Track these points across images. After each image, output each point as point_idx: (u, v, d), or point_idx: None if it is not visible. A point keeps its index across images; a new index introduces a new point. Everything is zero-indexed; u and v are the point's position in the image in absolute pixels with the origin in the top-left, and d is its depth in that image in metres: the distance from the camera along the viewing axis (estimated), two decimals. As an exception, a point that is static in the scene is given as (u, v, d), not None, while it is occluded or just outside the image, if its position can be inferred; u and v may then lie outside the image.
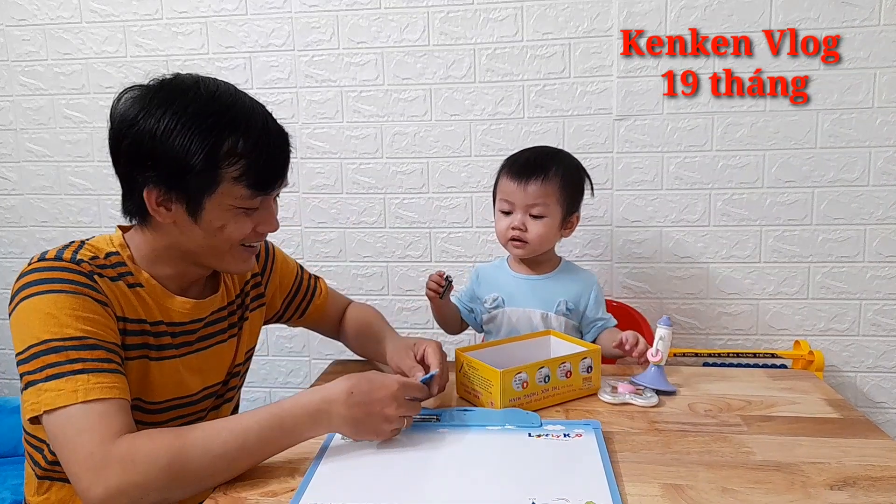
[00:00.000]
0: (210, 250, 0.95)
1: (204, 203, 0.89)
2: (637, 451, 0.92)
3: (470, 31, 1.78)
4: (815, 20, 1.66)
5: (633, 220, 1.81)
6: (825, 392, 1.14)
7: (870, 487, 0.81)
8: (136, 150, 0.88)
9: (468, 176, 1.84)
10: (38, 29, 1.92)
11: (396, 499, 0.79)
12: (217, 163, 0.87)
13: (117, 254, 0.95)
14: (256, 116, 0.92)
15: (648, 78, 1.73)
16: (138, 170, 0.89)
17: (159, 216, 0.91)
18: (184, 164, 0.86)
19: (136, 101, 0.89)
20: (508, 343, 1.20)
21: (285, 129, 0.95)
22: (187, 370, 1.01)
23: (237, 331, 1.11)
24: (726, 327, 1.82)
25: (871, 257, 1.74)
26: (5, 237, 2.05)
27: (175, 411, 1.01)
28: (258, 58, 1.86)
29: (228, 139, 0.87)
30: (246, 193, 0.90)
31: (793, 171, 1.73)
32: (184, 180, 0.87)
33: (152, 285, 0.96)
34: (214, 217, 0.91)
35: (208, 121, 0.87)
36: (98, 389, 0.81)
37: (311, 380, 1.91)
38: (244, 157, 0.88)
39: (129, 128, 0.88)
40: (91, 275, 0.89)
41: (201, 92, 0.89)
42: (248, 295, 1.14)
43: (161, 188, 0.88)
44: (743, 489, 0.81)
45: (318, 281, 1.31)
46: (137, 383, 0.94)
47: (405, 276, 1.92)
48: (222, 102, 0.90)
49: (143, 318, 0.95)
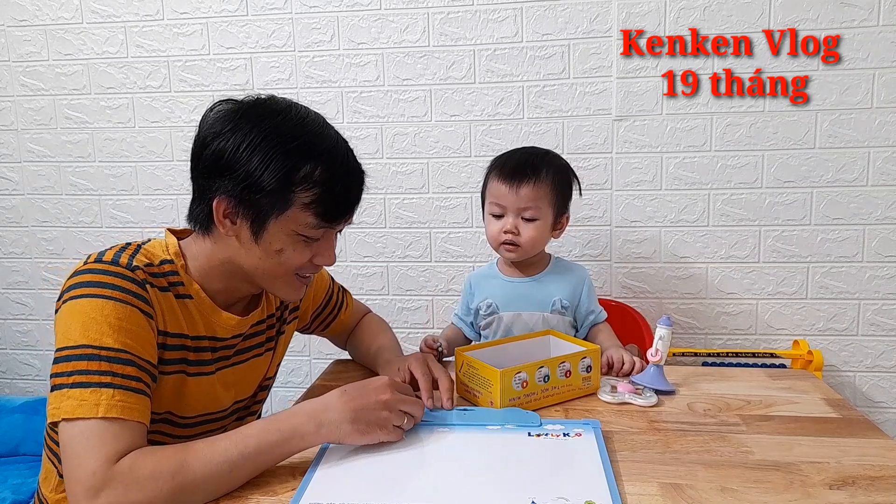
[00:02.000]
0: (264, 272, 0.95)
1: (269, 223, 0.90)
2: (636, 450, 0.92)
3: (470, 32, 1.78)
4: (814, 20, 1.66)
5: (633, 220, 1.81)
6: (824, 392, 1.14)
7: (869, 487, 0.81)
8: (217, 160, 0.89)
9: (468, 176, 1.85)
10: (40, 29, 1.93)
11: (396, 498, 0.79)
12: (291, 186, 0.88)
13: (171, 262, 0.94)
14: (339, 149, 0.92)
15: (648, 78, 1.74)
16: (214, 178, 0.89)
17: (223, 227, 0.91)
18: (259, 180, 0.87)
19: (228, 114, 0.90)
20: (508, 343, 1.20)
21: (362, 168, 0.96)
22: (222, 385, 1.01)
23: (273, 344, 1.11)
24: (725, 327, 1.83)
25: (869, 257, 1.74)
26: (6, 237, 2.05)
27: (205, 426, 1.01)
28: (259, 58, 1.87)
29: (307, 164, 0.88)
30: (312, 222, 0.90)
31: (792, 171, 1.73)
32: (256, 197, 0.88)
33: (202, 298, 0.96)
34: (276, 240, 0.91)
35: (292, 144, 0.88)
36: (119, 408, 0.81)
37: (311, 379, 1.91)
38: (318, 185, 0.89)
39: (215, 137, 0.89)
40: (144, 283, 0.89)
41: (291, 116, 0.91)
42: (287, 308, 1.14)
43: (232, 200, 0.89)
44: (742, 488, 0.81)
45: (346, 295, 1.31)
46: (172, 398, 0.94)
47: (405, 276, 1.93)
48: (309, 129, 0.91)
49: (185, 333, 0.94)
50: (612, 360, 1.23)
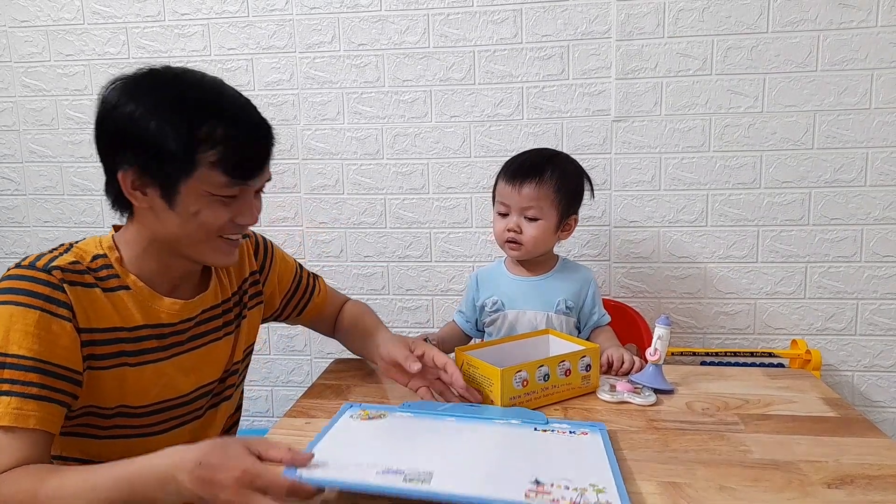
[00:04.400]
0: (187, 239, 0.93)
1: (179, 188, 0.88)
2: (635, 449, 0.93)
3: (469, 34, 1.79)
4: (813, 21, 1.67)
5: (632, 220, 1.82)
6: (822, 391, 1.14)
7: (867, 486, 0.81)
8: (116, 133, 0.89)
9: (468, 177, 1.85)
10: (41, 30, 1.93)
11: (400, 470, 0.78)
12: (194, 147, 0.86)
13: (105, 256, 0.94)
14: (239, 105, 0.91)
15: (647, 79, 1.74)
16: (117, 152, 0.89)
17: (135, 200, 0.90)
18: (160, 146, 0.86)
19: (122, 87, 0.90)
20: (508, 342, 1.21)
21: (268, 123, 0.95)
22: (179, 371, 1.00)
23: (234, 328, 1.10)
24: (724, 326, 1.84)
25: (867, 257, 1.75)
26: (8, 237, 2.06)
27: (167, 413, 1.00)
28: (260, 60, 1.87)
29: (206, 124, 0.87)
30: (222, 181, 0.89)
31: (790, 171, 1.74)
32: (159, 163, 0.87)
33: (139, 287, 0.95)
34: (190, 202, 0.89)
35: (187, 105, 0.87)
36: (13, 416, 0.79)
37: (312, 378, 1.92)
38: (221, 143, 0.87)
39: (111, 111, 0.89)
40: (60, 285, 0.87)
41: (186, 79, 0.90)
42: (247, 293, 1.14)
43: (136, 170, 0.88)
44: (740, 487, 0.81)
45: (317, 280, 1.30)
46: (117, 390, 0.93)
47: (405, 276, 1.93)
48: (204, 90, 0.90)
49: (119, 326, 0.93)
50: (612, 359, 1.23)
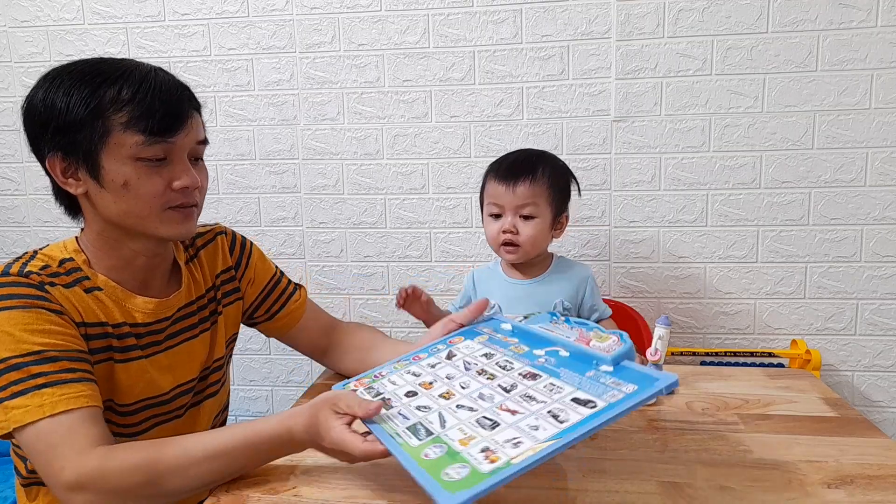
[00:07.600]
0: (130, 216, 0.91)
1: (101, 160, 0.87)
2: (635, 448, 0.93)
3: (469, 34, 1.79)
4: (813, 21, 1.67)
5: (631, 220, 1.82)
6: (822, 391, 1.15)
7: (867, 486, 0.81)
8: (33, 121, 0.89)
9: (468, 177, 1.85)
10: (41, 30, 1.93)
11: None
12: (101, 112, 0.86)
13: (71, 259, 0.94)
14: (142, 68, 0.91)
15: (646, 79, 1.74)
16: (40, 142, 0.90)
17: (71, 188, 0.90)
18: (69, 120, 0.86)
19: (38, 80, 0.91)
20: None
21: (179, 79, 0.94)
22: (157, 369, 0.99)
23: (210, 325, 1.09)
24: (723, 326, 1.84)
25: (867, 257, 1.75)
26: (9, 237, 2.06)
27: (149, 411, 1.00)
28: (260, 59, 1.87)
29: (110, 89, 0.86)
30: (140, 139, 0.87)
31: (790, 171, 1.74)
32: (74, 138, 0.87)
33: (111, 287, 0.95)
34: (115, 173, 0.88)
35: (93, 76, 0.88)
36: (64, 401, 0.81)
37: (312, 378, 1.92)
38: (129, 102, 0.86)
39: (27, 103, 0.90)
40: (42, 286, 0.88)
41: (89, 59, 0.91)
42: (220, 289, 1.11)
43: (59, 154, 0.88)
44: (740, 487, 0.81)
45: (298, 288, 1.24)
46: (105, 386, 0.93)
47: (405, 276, 1.93)
48: (108, 63, 0.90)
49: (105, 321, 0.93)
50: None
